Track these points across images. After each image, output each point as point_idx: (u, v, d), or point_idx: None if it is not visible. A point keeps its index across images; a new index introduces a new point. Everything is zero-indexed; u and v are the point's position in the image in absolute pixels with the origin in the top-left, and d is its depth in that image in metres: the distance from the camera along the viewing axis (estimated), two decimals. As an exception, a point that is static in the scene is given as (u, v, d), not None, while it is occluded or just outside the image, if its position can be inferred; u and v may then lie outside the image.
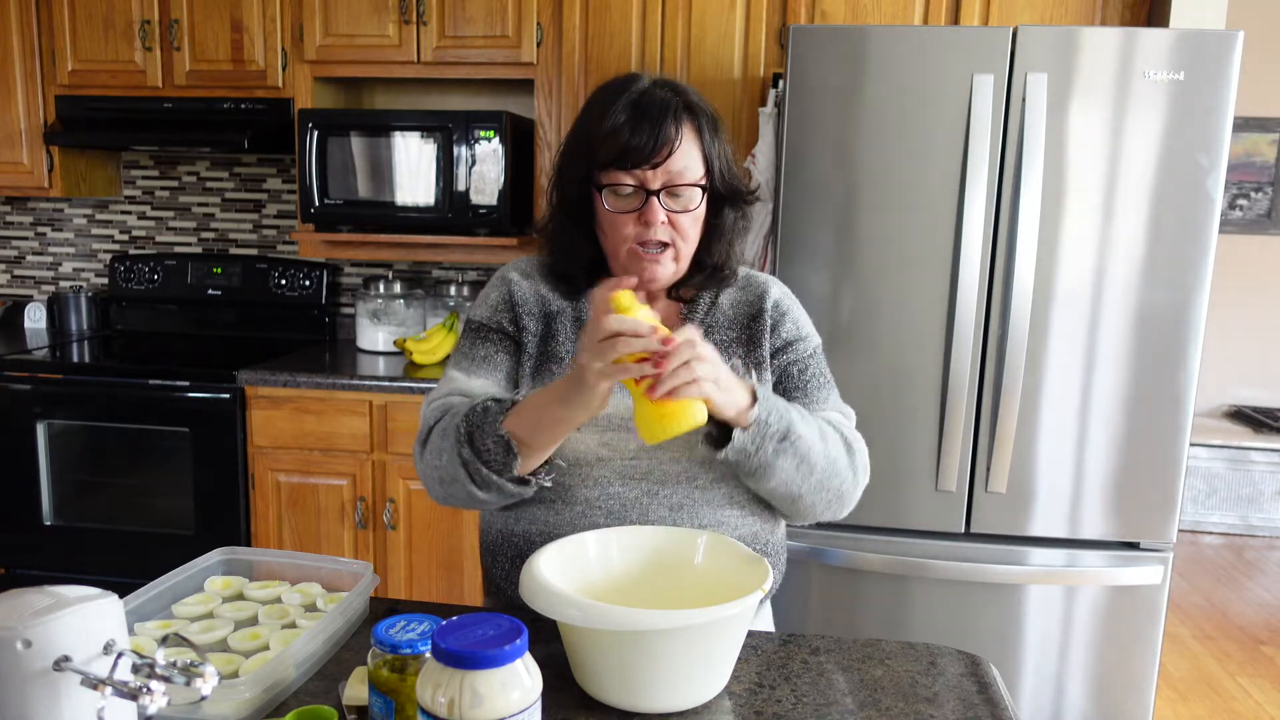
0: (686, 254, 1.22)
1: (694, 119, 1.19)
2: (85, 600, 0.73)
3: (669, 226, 1.18)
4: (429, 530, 2.61)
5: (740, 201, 1.24)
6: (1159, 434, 2.07)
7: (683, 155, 1.17)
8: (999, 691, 1.02)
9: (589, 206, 1.21)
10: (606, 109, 1.17)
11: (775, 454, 1.11)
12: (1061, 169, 2.00)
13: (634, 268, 1.20)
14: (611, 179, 1.17)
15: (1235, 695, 2.93)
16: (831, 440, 1.18)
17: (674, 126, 1.16)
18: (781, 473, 1.13)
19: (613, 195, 1.18)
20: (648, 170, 1.15)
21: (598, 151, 1.17)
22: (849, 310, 2.11)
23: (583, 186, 1.20)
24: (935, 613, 2.16)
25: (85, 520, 2.75)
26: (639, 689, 0.94)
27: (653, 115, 1.15)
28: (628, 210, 1.17)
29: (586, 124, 1.20)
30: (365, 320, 2.95)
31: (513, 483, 1.11)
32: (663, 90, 1.19)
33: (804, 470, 1.14)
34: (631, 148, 1.14)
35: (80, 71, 2.87)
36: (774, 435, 1.10)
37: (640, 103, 1.16)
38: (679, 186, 1.17)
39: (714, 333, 1.25)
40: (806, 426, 1.14)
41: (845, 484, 1.20)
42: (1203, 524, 4.42)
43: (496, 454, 1.09)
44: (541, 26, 2.65)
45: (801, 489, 1.16)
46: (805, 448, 1.13)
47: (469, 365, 1.25)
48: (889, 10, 2.47)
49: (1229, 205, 4.52)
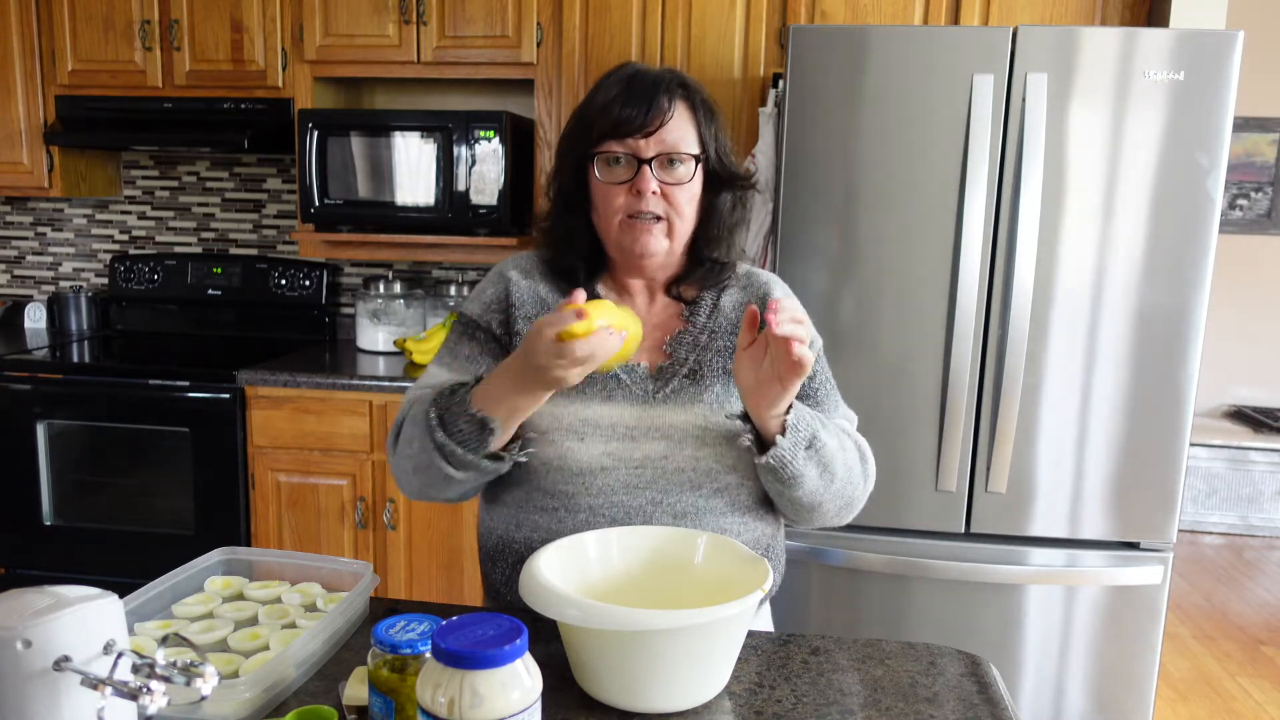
0: (681, 232, 1.20)
1: (688, 96, 1.19)
2: (85, 600, 0.73)
3: (662, 199, 1.17)
4: (429, 530, 2.61)
5: (737, 185, 1.23)
6: (1159, 434, 2.07)
7: (676, 127, 1.17)
8: (999, 691, 1.02)
9: (585, 193, 1.21)
10: (601, 89, 1.19)
11: (805, 461, 1.11)
12: (1061, 169, 2.00)
13: (626, 240, 1.18)
14: (603, 149, 1.17)
15: (1235, 695, 2.93)
16: (849, 448, 1.18)
17: (667, 99, 1.16)
18: (809, 481, 1.13)
19: (605, 165, 1.17)
20: (640, 139, 1.15)
21: (592, 127, 1.17)
22: (849, 310, 2.11)
23: (579, 168, 1.20)
24: (935, 613, 2.16)
25: (85, 520, 2.75)
26: (639, 689, 0.94)
27: (645, 86, 1.16)
28: (620, 181, 1.17)
29: (582, 107, 1.21)
30: (365, 320, 2.95)
31: (489, 459, 1.11)
32: (658, 70, 1.20)
33: (826, 479, 1.14)
34: (624, 117, 1.15)
35: (80, 71, 2.87)
36: (803, 442, 1.10)
37: (634, 78, 1.18)
38: (672, 155, 1.16)
39: (718, 337, 1.24)
40: (829, 434, 1.15)
41: (858, 491, 1.21)
42: (1203, 524, 4.42)
43: (470, 434, 1.08)
44: (541, 26, 2.65)
45: (823, 497, 1.16)
46: (828, 456, 1.13)
47: (451, 362, 1.24)
48: (889, 10, 2.47)
49: (1229, 205, 4.52)
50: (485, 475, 1.14)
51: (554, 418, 1.17)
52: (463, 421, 1.08)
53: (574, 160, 1.20)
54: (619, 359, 1.05)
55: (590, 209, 1.21)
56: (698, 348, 1.23)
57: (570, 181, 1.21)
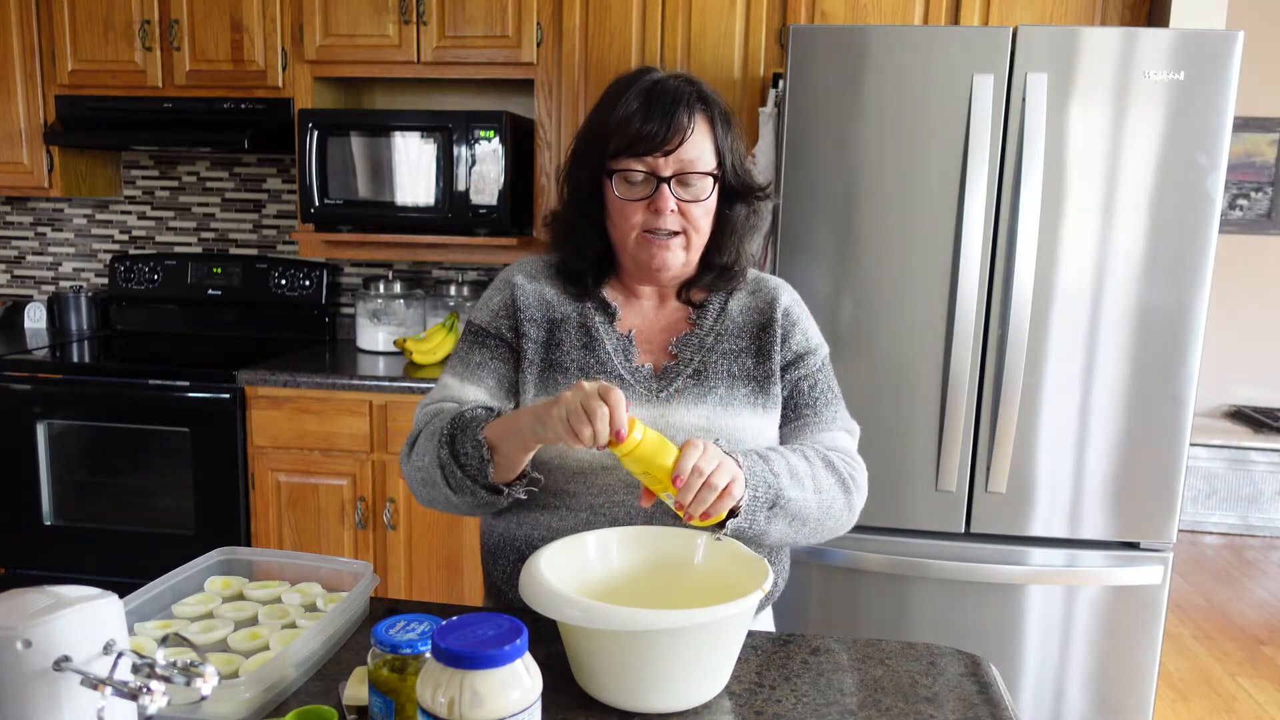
0: (698, 245, 1.21)
1: (707, 110, 1.18)
2: (85, 600, 0.73)
3: (680, 215, 1.17)
4: (429, 530, 2.61)
5: (752, 197, 1.24)
6: (1159, 434, 2.07)
7: (695, 144, 1.16)
8: (999, 691, 1.02)
9: (599, 198, 1.21)
10: (619, 98, 1.17)
11: (767, 520, 1.10)
12: (1061, 169, 2.00)
13: (643, 255, 1.19)
14: (622, 165, 1.16)
15: (1235, 695, 2.93)
16: (826, 488, 1.16)
17: (686, 115, 1.15)
18: (775, 534, 1.13)
19: (623, 182, 1.17)
20: (659, 157, 1.15)
21: (610, 139, 1.16)
22: (849, 310, 2.11)
23: (593, 177, 1.20)
24: (935, 613, 2.16)
25: (85, 520, 2.75)
26: (639, 689, 0.94)
27: (666, 103, 1.15)
28: (638, 198, 1.17)
29: (599, 114, 1.20)
30: (365, 320, 2.95)
31: (486, 489, 1.11)
32: (677, 80, 1.19)
33: (797, 525, 1.14)
34: (643, 134, 1.14)
35: (80, 71, 2.87)
36: (763, 505, 1.09)
37: (654, 91, 1.16)
38: (690, 174, 1.16)
39: (724, 340, 1.25)
40: (797, 487, 1.12)
41: (840, 523, 1.20)
42: (1203, 524, 4.42)
43: (474, 459, 1.09)
44: (541, 26, 2.65)
45: (796, 539, 1.17)
46: (796, 508, 1.12)
47: (463, 370, 1.25)
48: (889, 10, 2.47)
49: (1229, 205, 4.52)
50: (482, 503, 1.14)
51: None
52: (469, 445, 1.09)
53: (590, 169, 1.20)
54: (653, 471, 1.01)
55: (604, 216, 1.22)
56: (703, 349, 1.24)
57: (584, 188, 1.21)
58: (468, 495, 1.12)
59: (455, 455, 1.10)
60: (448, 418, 1.14)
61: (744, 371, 1.23)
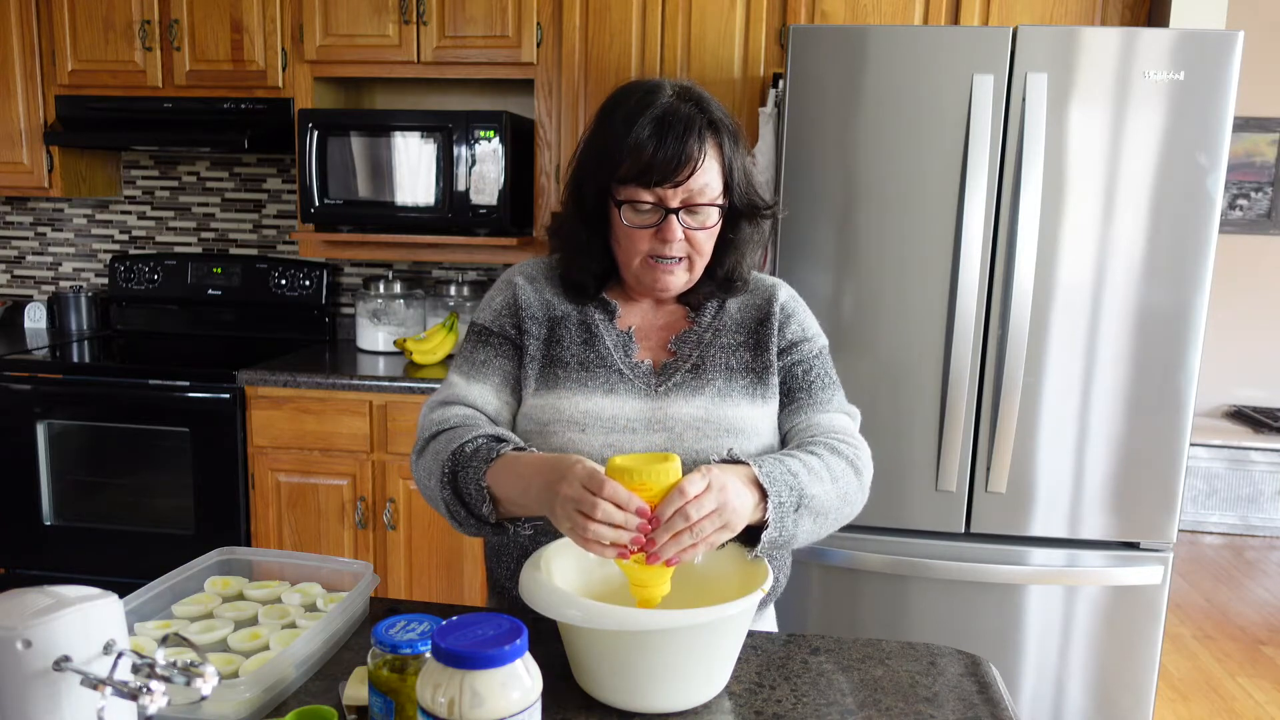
0: (700, 265, 1.22)
1: (716, 136, 1.17)
2: (85, 600, 0.73)
3: (685, 243, 1.18)
4: (429, 530, 2.61)
5: (757, 216, 1.24)
6: (1159, 434, 2.07)
7: (703, 173, 1.16)
8: (999, 691, 1.02)
9: (605, 215, 1.21)
10: (630, 123, 1.16)
11: (795, 524, 1.08)
12: (1061, 169, 2.00)
13: (646, 277, 1.21)
14: (630, 195, 1.16)
15: (1235, 695, 2.93)
16: (841, 475, 1.15)
17: (697, 145, 1.14)
18: (804, 534, 1.11)
19: (631, 210, 1.17)
20: (668, 189, 1.15)
21: (619, 165, 1.16)
22: (849, 310, 2.11)
23: (600, 196, 1.20)
24: (935, 613, 2.16)
25: (85, 520, 2.75)
26: (639, 689, 0.94)
27: (677, 132, 1.14)
28: (645, 226, 1.17)
29: (608, 135, 1.18)
30: (365, 320, 2.95)
31: (491, 528, 1.11)
32: (687, 105, 1.17)
33: (821, 520, 1.13)
34: (654, 165, 1.13)
35: (80, 71, 2.87)
36: (789, 508, 1.07)
37: (664, 119, 1.15)
38: (698, 205, 1.17)
39: (721, 335, 1.26)
40: (815, 482, 1.11)
41: (856, 506, 1.19)
42: (1203, 524, 4.42)
43: (479, 500, 1.08)
44: (541, 26, 2.65)
45: (819, 534, 1.15)
46: (820, 504, 1.11)
47: (469, 369, 1.26)
48: (889, 10, 2.47)
49: (1229, 205, 4.52)
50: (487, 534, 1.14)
51: (555, 410, 1.19)
52: (472, 487, 1.09)
53: (597, 189, 1.20)
54: (659, 587, 0.99)
55: (608, 231, 1.22)
56: (701, 344, 1.25)
57: (590, 202, 1.21)
58: (473, 532, 1.13)
59: (459, 495, 1.10)
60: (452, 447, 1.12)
61: (741, 364, 1.24)
